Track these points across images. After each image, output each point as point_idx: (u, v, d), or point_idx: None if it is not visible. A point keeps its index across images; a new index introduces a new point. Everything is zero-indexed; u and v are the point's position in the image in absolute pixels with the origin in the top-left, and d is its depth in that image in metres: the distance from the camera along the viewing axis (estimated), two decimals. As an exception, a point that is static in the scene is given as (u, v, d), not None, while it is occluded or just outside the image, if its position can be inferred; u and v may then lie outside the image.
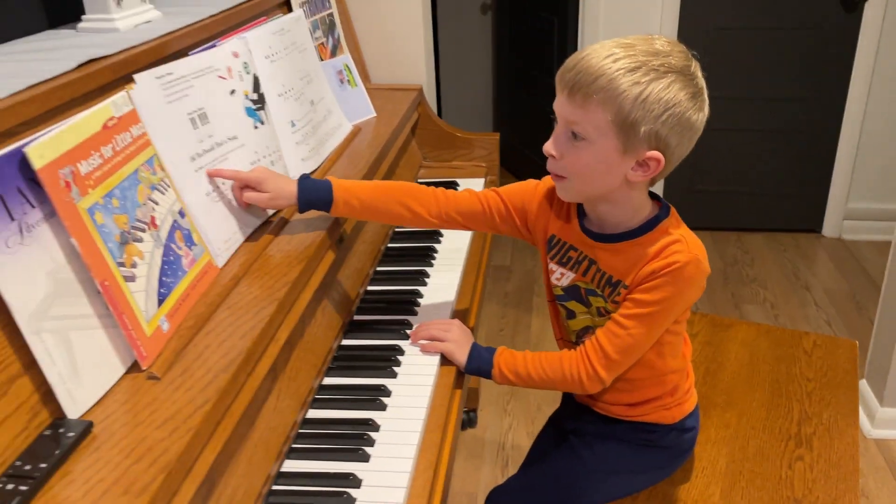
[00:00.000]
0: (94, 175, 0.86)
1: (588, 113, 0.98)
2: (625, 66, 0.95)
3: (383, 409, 1.11)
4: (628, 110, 0.95)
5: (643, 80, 0.95)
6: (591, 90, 0.96)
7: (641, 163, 1.01)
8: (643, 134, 0.97)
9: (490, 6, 4.10)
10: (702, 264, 1.07)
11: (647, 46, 0.98)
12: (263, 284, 1.06)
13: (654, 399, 1.20)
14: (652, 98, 0.95)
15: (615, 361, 1.11)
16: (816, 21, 2.99)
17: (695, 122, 0.99)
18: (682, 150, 1.03)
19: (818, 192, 3.28)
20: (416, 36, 2.02)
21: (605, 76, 0.95)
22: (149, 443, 0.75)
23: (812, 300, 2.86)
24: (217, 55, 1.16)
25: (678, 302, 1.08)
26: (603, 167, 1.02)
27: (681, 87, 0.96)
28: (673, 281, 1.05)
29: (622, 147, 0.99)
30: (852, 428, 1.44)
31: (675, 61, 0.97)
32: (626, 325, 1.09)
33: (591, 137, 1.00)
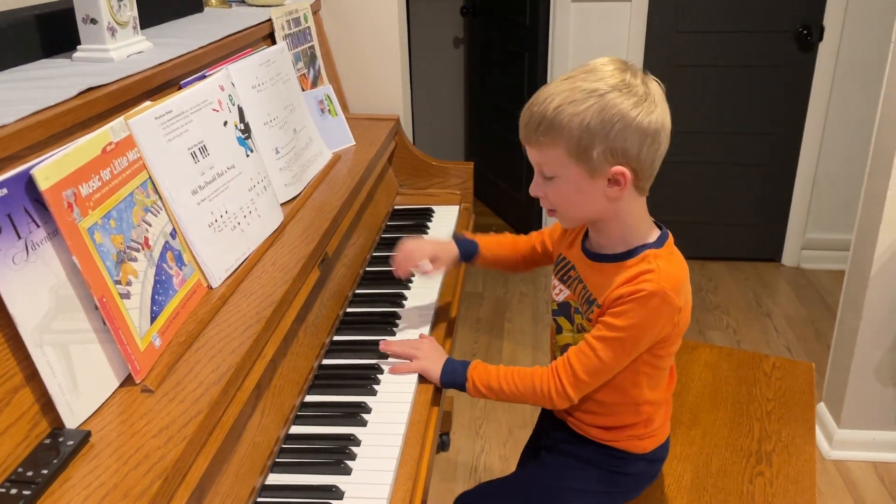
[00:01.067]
0: (94, 197, 0.90)
1: (545, 154, 1.09)
2: (560, 103, 1.04)
3: (364, 424, 1.16)
4: (576, 140, 1.04)
5: (580, 108, 1.03)
6: (539, 134, 1.07)
7: (612, 180, 1.07)
8: (598, 155, 1.04)
9: (462, 40, 4.21)
10: (668, 297, 1.08)
11: (583, 75, 1.06)
12: (250, 303, 1.10)
13: (628, 426, 1.24)
14: (593, 122, 1.02)
15: (583, 381, 1.15)
16: (774, 60, 3.14)
17: (648, 124, 1.04)
18: (648, 153, 1.07)
19: (778, 222, 3.41)
20: (394, 68, 2.09)
21: (545, 119, 1.06)
22: (145, 451, 0.79)
23: (772, 326, 2.96)
24: (207, 88, 1.21)
25: (645, 331, 1.11)
26: (579, 195, 1.10)
27: (619, 101, 1.02)
28: (638, 308, 1.09)
29: (587, 172, 1.07)
30: (810, 445, 1.51)
31: (609, 81, 1.04)
32: (594, 347, 1.13)
33: (558, 173, 1.10)
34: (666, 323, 1.11)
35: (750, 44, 3.13)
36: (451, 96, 4.35)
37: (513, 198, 3.85)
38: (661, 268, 1.10)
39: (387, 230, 1.85)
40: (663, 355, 1.18)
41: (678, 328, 1.14)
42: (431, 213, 1.96)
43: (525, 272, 1.47)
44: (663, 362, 1.20)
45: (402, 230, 1.85)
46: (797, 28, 3.07)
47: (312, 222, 1.40)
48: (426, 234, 1.83)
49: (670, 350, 1.19)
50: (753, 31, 3.11)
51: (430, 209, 1.98)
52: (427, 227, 1.87)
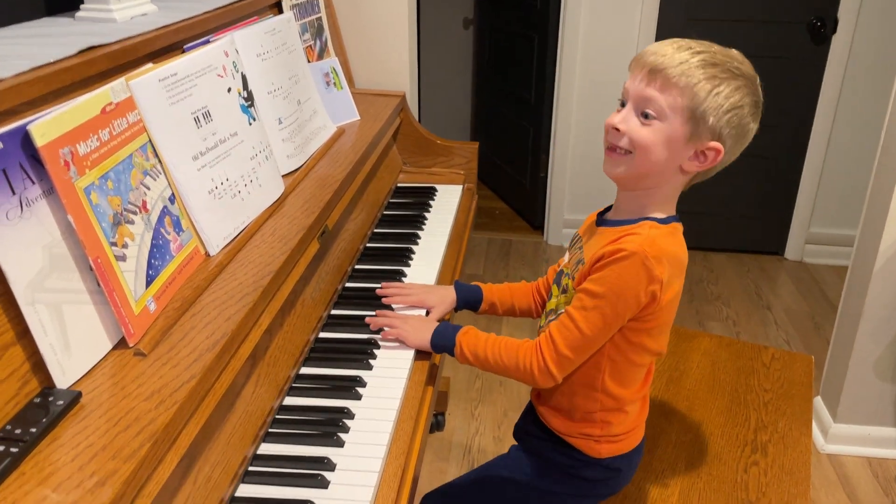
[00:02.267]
0: (92, 157, 0.89)
1: (665, 94, 1.04)
2: (705, 60, 1.03)
3: (358, 398, 1.15)
4: (702, 99, 1.02)
5: (720, 75, 1.02)
6: (672, 73, 1.03)
7: (699, 153, 1.06)
8: (710, 125, 1.03)
9: (472, 21, 4.17)
10: (648, 261, 1.04)
11: (723, 49, 1.06)
12: (248, 272, 1.09)
13: (582, 421, 1.19)
14: (724, 94, 1.02)
15: (564, 356, 1.11)
16: (786, 51, 3.10)
17: (750, 129, 1.06)
18: (731, 154, 1.08)
19: (782, 216, 3.39)
20: (401, 44, 2.07)
21: (686, 63, 1.02)
22: (136, 413, 0.78)
23: (773, 319, 2.95)
24: (212, 53, 1.19)
25: (622, 296, 1.06)
26: (665, 148, 1.06)
27: (747, 94, 1.03)
28: (614, 270, 1.05)
29: (688, 133, 1.05)
30: (805, 437, 1.51)
31: (746, 69, 1.04)
32: (574, 318, 1.09)
33: (663, 117, 1.05)
34: (643, 291, 1.05)
35: (761, 34, 3.10)
36: (459, 78, 4.31)
37: (518, 182, 3.83)
38: (648, 234, 1.07)
39: (389, 207, 1.84)
40: (635, 342, 1.12)
41: (658, 306, 1.08)
42: (434, 192, 1.95)
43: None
44: (633, 351, 1.13)
45: (404, 207, 1.84)
46: (810, 20, 3.03)
47: (314, 195, 1.38)
48: (429, 212, 1.82)
49: (643, 339, 1.12)
50: (766, 20, 3.07)
51: (434, 188, 1.97)
52: (430, 207, 1.86)
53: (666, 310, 1.11)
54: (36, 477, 0.70)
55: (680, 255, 1.11)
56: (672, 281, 1.08)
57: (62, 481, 0.69)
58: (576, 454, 1.21)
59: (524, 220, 3.82)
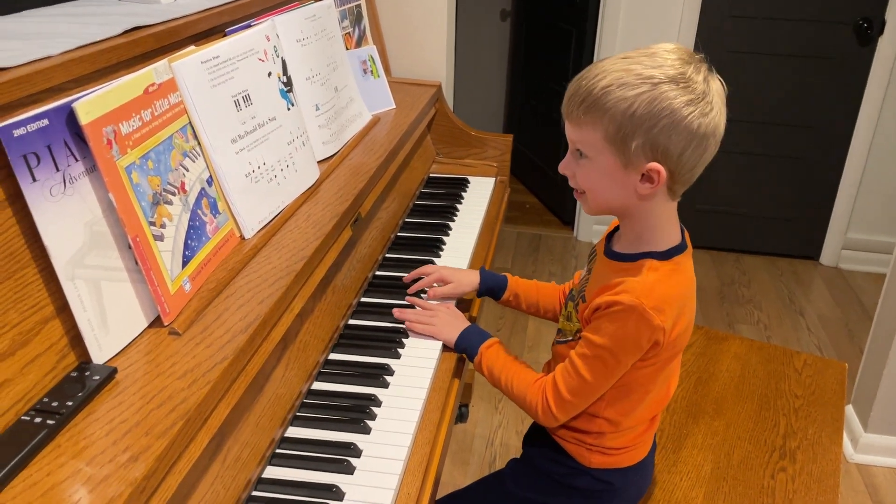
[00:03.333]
0: (134, 136, 0.90)
1: (583, 133, 1.01)
2: (610, 83, 0.96)
3: (386, 386, 1.15)
4: (617, 126, 0.96)
5: (629, 94, 0.95)
6: (580, 111, 0.99)
7: (645, 176, 0.99)
8: (637, 147, 0.97)
9: (509, 13, 4.15)
10: (646, 314, 1.00)
11: (642, 59, 0.97)
12: (282, 256, 1.10)
13: (578, 430, 1.17)
14: (640, 111, 0.94)
15: (567, 401, 1.10)
16: (830, 51, 3.04)
17: (698, 127, 0.96)
18: (691, 157, 0.99)
19: (819, 220, 3.33)
20: (439, 34, 2.06)
21: (590, 96, 0.97)
22: (169, 391, 0.79)
23: (805, 325, 2.91)
24: (254, 36, 1.20)
25: (624, 348, 1.03)
26: (609, 183, 1.02)
27: (674, 96, 0.94)
28: (612, 323, 1.03)
29: (621, 162, 0.99)
30: (836, 446, 1.48)
31: (667, 71, 0.95)
32: (576, 365, 1.08)
33: (591, 155, 1.02)
34: (645, 341, 1.03)
35: (805, 33, 3.03)
36: (493, 69, 4.29)
37: (548, 176, 3.81)
38: (646, 281, 1.02)
39: (421, 197, 1.84)
40: (639, 378, 1.09)
41: (662, 348, 1.04)
42: (467, 183, 1.94)
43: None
44: (636, 383, 1.10)
45: (436, 198, 1.84)
46: (857, 20, 2.96)
47: (348, 182, 1.39)
48: (461, 203, 1.82)
49: (646, 371, 1.09)
50: (810, 20, 3.01)
51: (466, 179, 1.96)
52: (462, 198, 1.85)
53: (672, 347, 1.07)
54: (71, 450, 0.71)
55: (685, 291, 1.07)
56: (678, 321, 1.05)
57: (96, 455, 0.70)
58: (568, 461, 1.20)
59: (554, 215, 3.80)
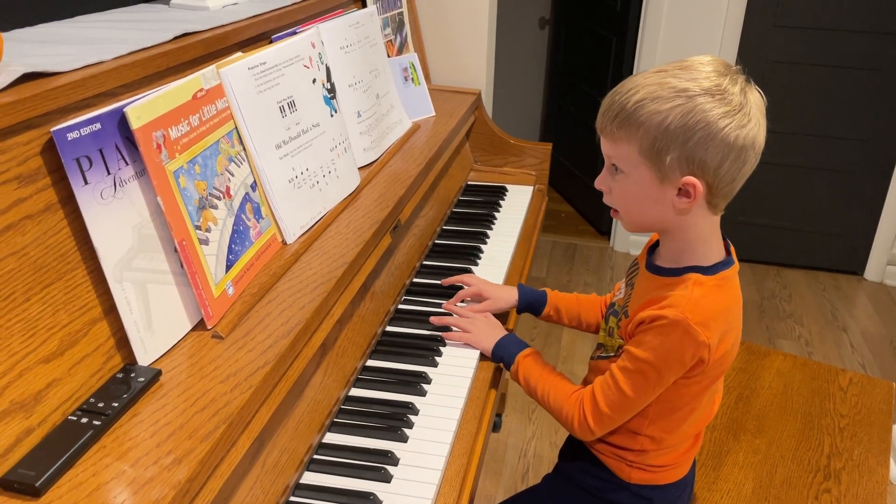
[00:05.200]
0: (182, 141, 0.91)
1: (618, 148, 0.99)
2: (644, 97, 0.95)
3: (423, 394, 1.15)
4: (651, 140, 0.95)
5: (663, 107, 0.93)
6: (614, 125, 0.98)
7: (682, 190, 0.97)
8: (671, 161, 0.95)
9: (548, 21, 4.13)
10: (691, 329, 0.98)
11: (677, 72, 0.96)
12: (322, 262, 1.10)
13: (618, 447, 1.16)
14: (674, 125, 0.93)
15: (605, 414, 1.08)
16: (878, 62, 2.97)
17: (735, 139, 0.94)
18: (729, 170, 0.96)
19: (864, 234, 3.25)
20: (480, 42, 2.06)
21: (624, 111, 0.96)
22: (212, 395, 0.79)
23: (848, 341, 2.83)
24: (300, 43, 1.21)
25: (668, 364, 1.01)
26: (645, 197, 1.00)
27: (709, 109, 0.93)
28: (656, 338, 1.01)
29: (657, 176, 0.97)
30: (883, 467, 1.44)
31: (703, 82, 0.94)
32: (617, 378, 1.06)
33: (627, 170, 1.00)
34: (689, 357, 1.00)
35: (852, 44, 2.97)
36: (532, 77, 4.28)
37: (586, 185, 3.78)
38: (691, 296, 1.00)
39: (458, 204, 1.83)
40: (684, 394, 1.07)
41: (708, 366, 1.02)
42: (505, 191, 1.94)
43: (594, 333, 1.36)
44: (682, 402, 1.08)
45: (474, 206, 1.83)
46: (907, 31, 2.90)
47: (388, 189, 1.39)
48: (498, 211, 1.81)
49: (692, 389, 1.07)
50: (857, 30, 2.94)
51: (504, 187, 1.95)
52: (499, 206, 1.84)
53: (718, 365, 1.04)
54: (116, 451, 0.71)
55: (731, 307, 1.05)
56: (724, 338, 1.02)
57: (140, 457, 0.71)
58: (606, 475, 1.18)
59: (590, 225, 3.77)
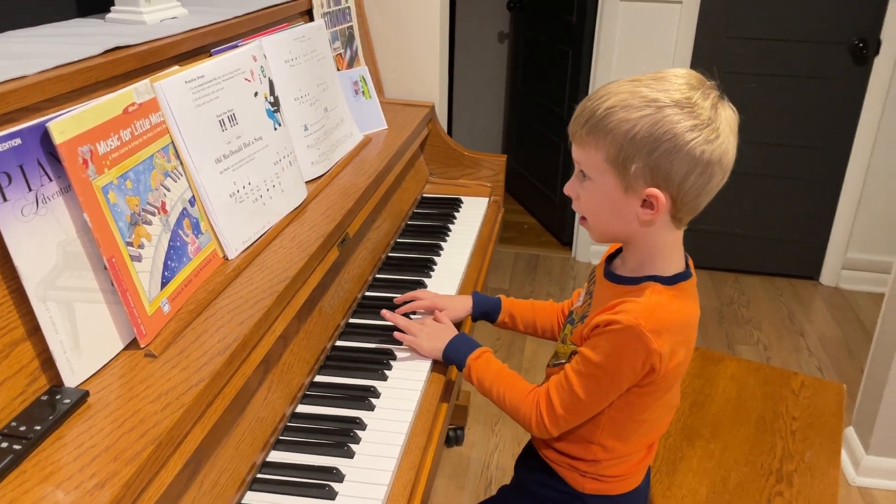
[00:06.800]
0: (112, 156, 0.89)
1: (587, 154, 1.00)
2: (614, 104, 0.95)
3: (371, 409, 1.13)
4: (618, 147, 0.95)
5: (632, 116, 0.94)
6: (584, 131, 0.98)
7: (646, 201, 0.98)
8: (636, 170, 0.95)
9: (507, 35, 4.17)
10: (643, 336, 0.97)
11: (650, 82, 0.96)
12: (265, 277, 1.08)
13: (572, 457, 1.16)
14: (641, 134, 0.93)
15: (560, 416, 1.08)
16: (826, 72, 3.04)
17: (702, 153, 0.94)
18: (694, 184, 0.96)
19: (818, 240, 3.31)
20: (432, 55, 2.06)
21: (594, 117, 0.97)
22: (141, 415, 0.77)
23: (805, 345, 2.88)
24: (240, 57, 1.19)
25: (619, 369, 1.01)
26: (610, 206, 1.01)
27: (677, 121, 0.93)
28: (609, 342, 1.01)
29: (622, 186, 0.98)
30: (834, 469, 1.45)
31: (673, 95, 0.94)
32: (571, 380, 1.06)
33: (594, 177, 1.00)
34: (640, 364, 1.00)
35: (801, 54, 3.04)
36: (491, 91, 4.31)
37: (547, 197, 3.80)
38: (647, 304, 1.00)
39: (413, 217, 1.83)
40: (636, 403, 1.07)
41: (659, 375, 1.02)
42: (460, 203, 1.93)
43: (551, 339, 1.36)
44: (634, 411, 1.08)
45: (429, 218, 1.83)
46: (852, 40, 2.96)
47: (336, 202, 1.37)
48: (453, 223, 1.81)
49: (644, 400, 1.07)
50: (806, 40, 3.01)
51: (459, 199, 1.95)
52: (454, 218, 1.84)
53: (669, 376, 1.04)
54: (37, 476, 0.69)
55: (686, 319, 1.05)
56: (676, 350, 1.02)
57: (62, 481, 0.68)
58: (561, 486, 1.18)
59: (552, 236, 3.78)
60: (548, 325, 1.36)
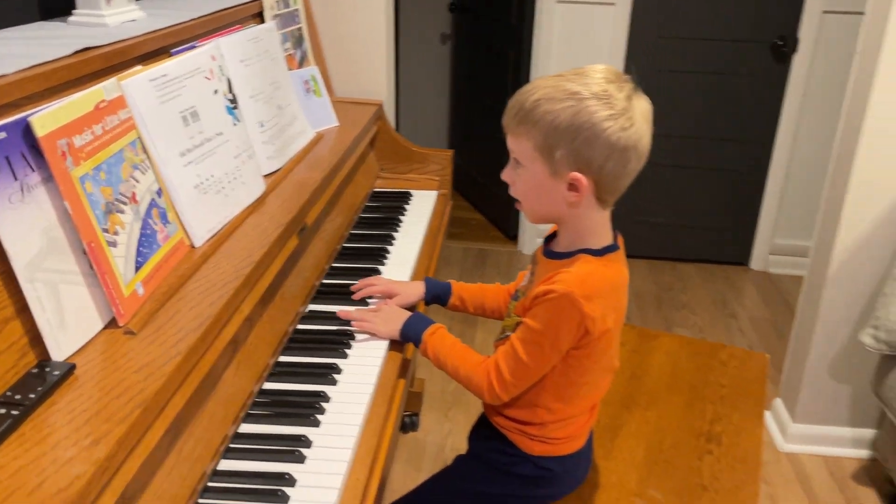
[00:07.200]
0: (86, 149, 0.95)
1: (518, 143, 1.11)
2: (540, 97, 1.06)
3: (334, 383, 1.22)
4: (544, 136, 1.06)
5: (556, 107, 1.04)
6: (515, 122, 1.10)
7: (571, 185, 1.08)
8: (560, 157, 1.06)
9: (450, 37, 4.28)
10: (576, 301, 1.08)
11: (572, 76, 1.07)
12: (230, 263, 1.16)
13: (521, 421, 1.25)
14: (563, 124, 1.04)
15: (508, 381, 1.18)
16: (751, 69, 3.23)
17: (618, 140, 1.04)
18: (613, 168, 1.06)
19: (748, 227, 3.51)
20: (379, 56, 2.15)
21: (523, 109, 1.08)
22: (126, 384, 0.84)
23: (737, 326, 3.06)
24: (199, 57, 1.26)
25: (557, 333, 1.11)
26: (540, 190, 1.12)
27: (595, 111, 1.03)
28: (546, 310, 1.11)
29: (550, 171, 1.09)
30: (758, 428, 1.59)
31: (592, 87, 1.04)
32: (516, 348, 1.16)
33: (526, 164, 1.12)
34: (575, 327, 1.11)
35: (728, 52, 3.22)
36: (437, 92, 4.41)
37: (492, 193, 3.92)
38: (579, 273, 1.11)
39: (366, 210, 1.91)
40: (575, 366, 1.17)
41: (593, 338, 1.13)
42: (409, 196, 2.02)
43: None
44: (574, 373, 1.19)
45: (381, 211, 1.91)
46: (773, 39, 3.17)
47: (293, 194, 1.45)
48: (404, 215, 1.90)
49: (582, 363, 1.17)
50: (732, 39, 3.20)
51: (409, 193, 2.04)
52: (405, 210, 1.93)
53: (602, 339, 1.15)
54: (35, 437, 0.75)
55: (616, 284, 1.16)
56: (606, 313, 1.12)
57: (60, 440, 0.75)
58: (511, 450, 1.28)
59: (499, 231, 3.91)
60: (496, 305, 1.46)
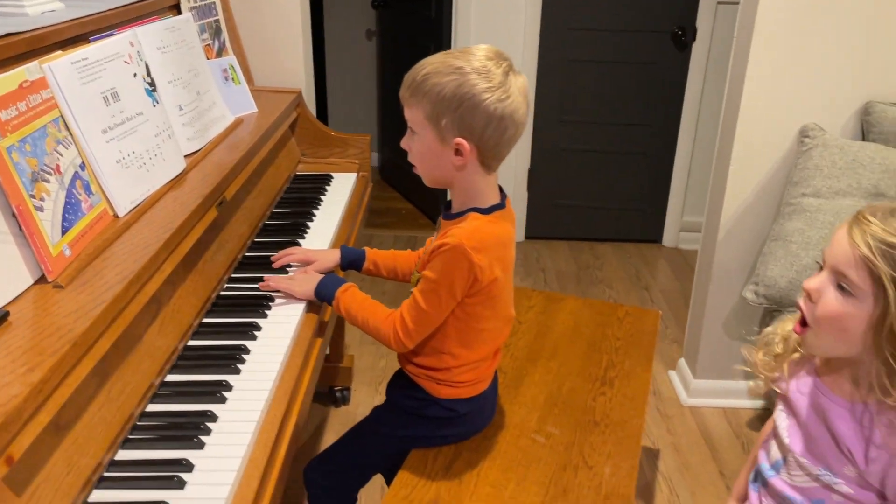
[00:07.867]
0: (12, 123, 1.05)
1: (412, 113, 1.27)
2: (429, 71, 1.21)
3: (254, 339, 1.33)
4: (432, 106, 1.21)
5: (442, 80, 1.19)
6: (408, 94, 1.26)
7: (457, 151, 1.23)
8: (446, 124, 1.21)
9: (374, 32, 4.40)
10: (466, 252, 1.22)
11: (457, 54, 1.22)
12: (152, 230, 1.26)
13: (428, 368, 1.39)
14: (447, 94, 1.19)
15: (411, 329, 1.31)
16: (654, 57, 3.46)
17: (494, 110, 1.19)
18: (492, 135, 1.21)
19: (658, 207, 3.74)
20: (296, 46, 2.26)
21: (414, 82, 1.23)
22: (57, 325, 0.95)
23: (649, 298, 3.28)
24: (118, 43, 1.36)
25: (451, 280, 1.25)
26: (431, 155, 1.27)
27: (475, 83, 1.18)
28: (441, 261, 1.25)
29: (438, 138, 1.23)
30: (646, 373, 1.77)
31: (474, 63, 1.19)
32: (416, 298, 1.29)
33: (419, 132, 1.26)
34: (466, 274, 1.24)
35: (633, 42, 3.44)
36: (365, 86, 4.53)
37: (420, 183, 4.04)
38: (468, 227, 1.25)
39: (288, 191, 2.02)
40: (471, 313, 1.32)
41: (482, 286, 1.27)
42: (330, 178, 2.15)
43: None
44: (473, 320, 1.33)
45: (302, 191, 2.03)
46: (673, 29, 3.39)
47: (213, 171, 1.56)
48: (324, 194, 2.02)
49: (476, 310, 1.31)
50: (636, 30, 3.41)
51: (330, 175, 2.16)
52: (325, 190, 2.05)
53: (493, 286, 1.30)
54: (-26, 369, 0.86)
55: (502, 239, 1.31)
56: (493, 264, 1.27)
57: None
58: (421, 394, 1.42)
59: (428, 218, 4.05)
60: (407, 269, 1.60)
